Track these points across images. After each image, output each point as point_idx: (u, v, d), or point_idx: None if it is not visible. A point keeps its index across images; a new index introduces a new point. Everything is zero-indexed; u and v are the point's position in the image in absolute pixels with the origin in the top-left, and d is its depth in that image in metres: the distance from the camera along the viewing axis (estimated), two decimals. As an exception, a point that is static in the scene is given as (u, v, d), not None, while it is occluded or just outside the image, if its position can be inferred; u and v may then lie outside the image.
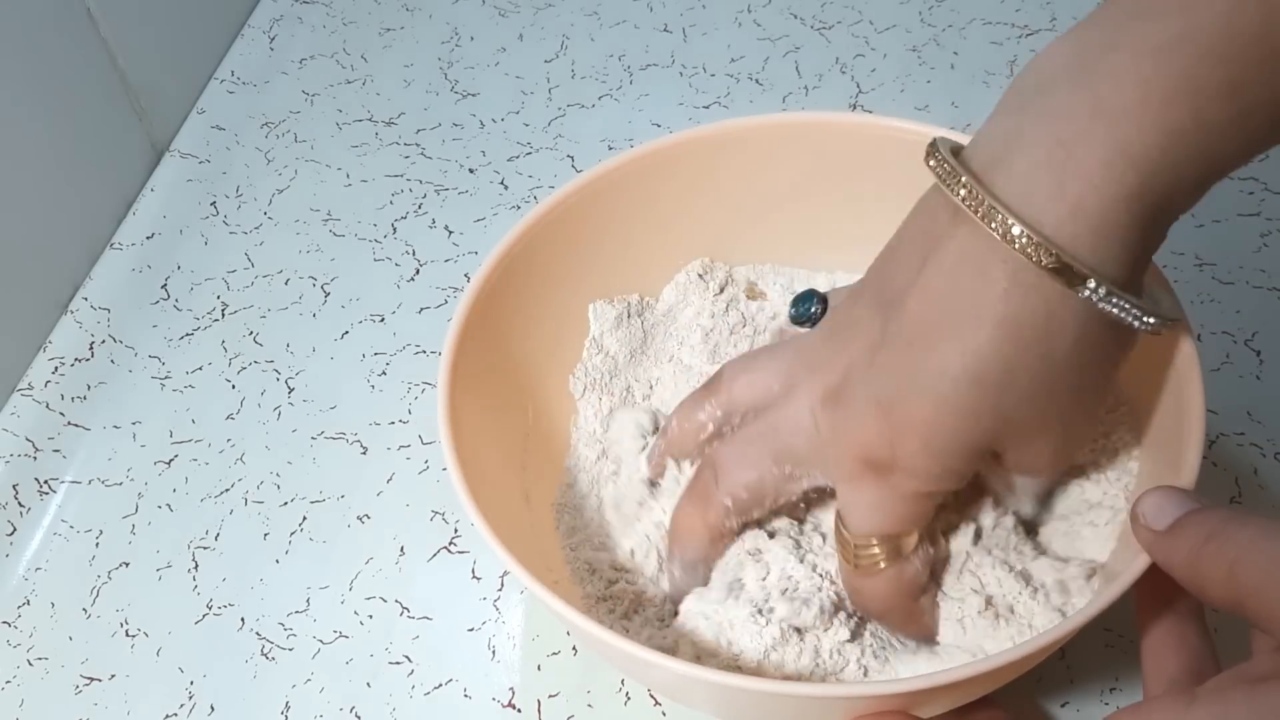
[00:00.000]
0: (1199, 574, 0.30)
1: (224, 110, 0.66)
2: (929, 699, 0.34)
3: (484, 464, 0.40)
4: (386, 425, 0.52)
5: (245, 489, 0.50)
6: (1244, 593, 0.29)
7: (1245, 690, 0.28)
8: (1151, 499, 0.33)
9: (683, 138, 0.45)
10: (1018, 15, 0.67)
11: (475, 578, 0.46)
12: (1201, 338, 0.50)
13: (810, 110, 0.55)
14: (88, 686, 0.45)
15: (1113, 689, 0.42)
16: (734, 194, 0.46)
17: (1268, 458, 0.47)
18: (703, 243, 0.48)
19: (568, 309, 0.47)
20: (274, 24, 0.71)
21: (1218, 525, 0.30)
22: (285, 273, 0.58)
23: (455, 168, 0.62)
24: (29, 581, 0.48)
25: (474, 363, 0.41)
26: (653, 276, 0.48)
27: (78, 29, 0.57)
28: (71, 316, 0.57)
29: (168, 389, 0.54)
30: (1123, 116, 0.30)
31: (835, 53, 0.66)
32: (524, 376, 0.45)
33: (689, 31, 0.68)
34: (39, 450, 0.52)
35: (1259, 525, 0.30)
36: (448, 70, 0.67)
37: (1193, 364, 0.36)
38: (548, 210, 0.44)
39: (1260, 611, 0.29)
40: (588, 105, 0.64)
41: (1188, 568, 0.31)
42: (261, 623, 0.46)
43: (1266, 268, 0.53)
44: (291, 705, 0.44)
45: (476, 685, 0.44)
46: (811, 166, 0.45)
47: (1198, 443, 0.35)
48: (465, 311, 0.41)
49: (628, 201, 0.45)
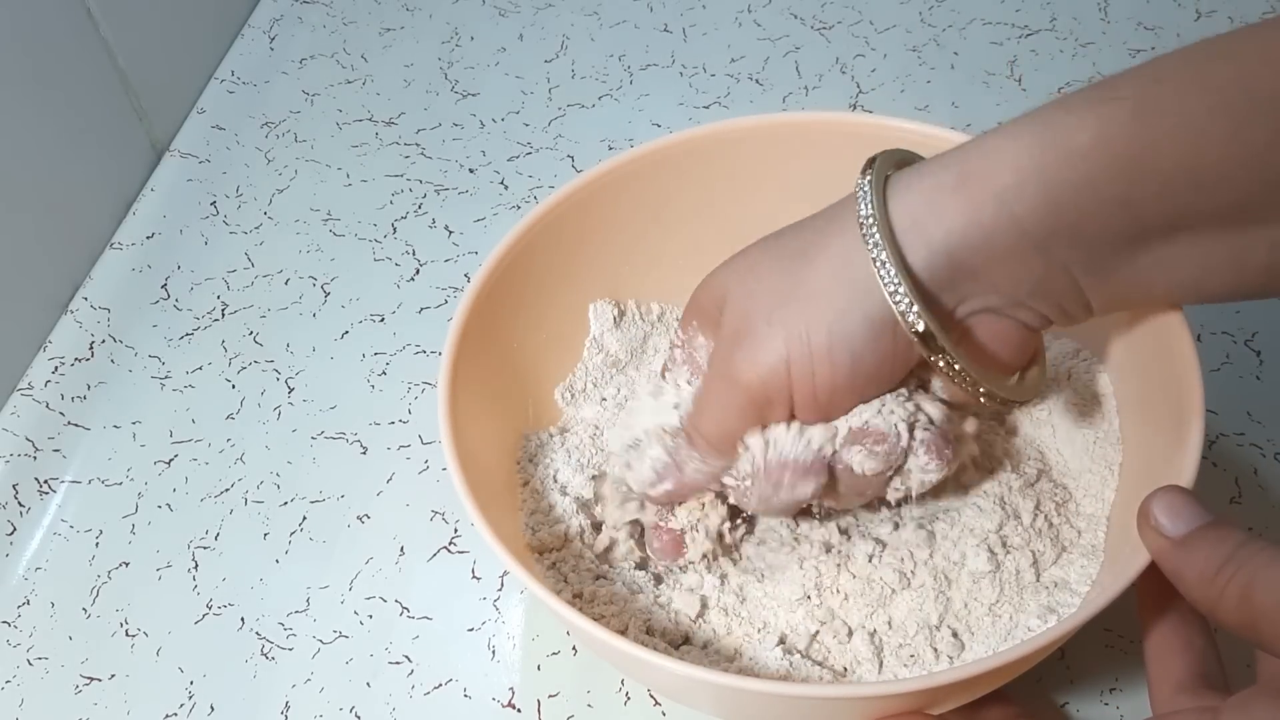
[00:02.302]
0: (1211, 594, 0.31)
1: (224, 110, 0.66)
2: (932, 699, 0.34)
3: (484, 464, 0.40)
4: (386, 425, 0.52)
5: (245, 489, 0.50)
6: (1258, 617, 0.29)
7: (1269, 702, 0.28)
8: (1164, 501, 0.33)
9: (684, 137, 0.45)
10: (1018, 15, 0.67)
11: (475, 578, 0.46)
12: (1201, 338, 0.50)
13: (812, 110, 0.55)
14: (87, 686, 0.45)
15: (1113, 689, 0.42)
16: (737, 194, 0.46)
17: (1267, 458, 0.47)
18: (705, 242, 0.48)
19: (568, 309, 0.47)
20: (274, 24, 0.71)
21: (1233, 547, 0.31)
22: (285, 272, 0.58)
23: (455, 168, 0.62)
24: (29, 581, 0.48)
25: (474, 363, 0.41)
26: (656, 276, 0.48)
27: (78, 29, 0.57)
28: (71, 316, 0.57)
29: (168, 389, 0.54)
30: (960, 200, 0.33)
31: (835, 53, 0.66)
32: (524, 376, 0.45)
33: (689, 31, 0.68)
34: (39, 450, 0.52)
35: (1276, 550, 0.30)
36: (448, 70, 0.67)
37: (1192, 363, 0.36)
38: (548, 210, 0.44)
39: (1275, 636, 0.29)
40: (588, 105, 0.64)
41: (1200, 586, 0.31)
42: (261, 622, 0.46)
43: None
44: (291, 705, 0.44)
45: (476, 685, 0.44)
46: (814, 166, 0.45)
47: (1197, 442, 0.35)
48: (465, 311, 0.41)
49: (629, 201, 0.45)
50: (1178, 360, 0.37)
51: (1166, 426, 0.37)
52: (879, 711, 0.34)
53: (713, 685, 0.33)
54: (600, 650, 0.37)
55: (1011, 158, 0.32)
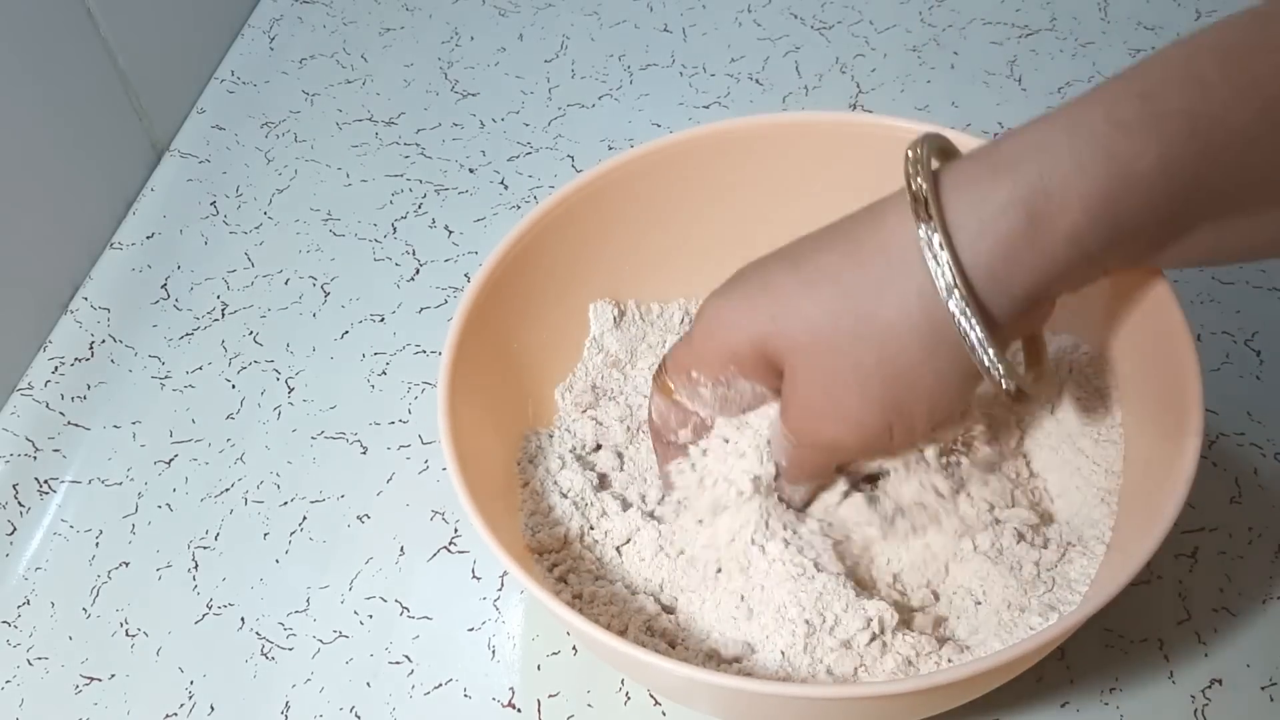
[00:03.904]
0: None
1: (224, 110, 0.66)
2: (932, 699, 0.34)
3: (484, 465, 0.40)
4: (386, 425, 0.52)
5: (245, 489, 0.50)
6: None
7: None
8: None
9: (685, 137, 0.45)
10: (1018, 15, 0.67)
11: (475, 578, 0.46)
12: (1201, 338, 0.50)
13: (813, 110, 0.55)
14: (87, 686, 0.45)
15: (1113, 689, 0.42)
16: (738, 194, 0.46)
17: (1267, 458, 0.47)
18: (705, 242, 0.48)
19: (568, 309, 0.47)
20: (274, 24, 0.71)
21: None
22: (285, 272, 0.58)
23: (455, 167, 0.62)
24: (29, 581, 0.48)
25: (474, 363, 0.41)
26: (657, 276, 0.48)
27: (78, 29, 0.57)
28: (71, 316, 0.57)
29: (168, 389, 0.54)
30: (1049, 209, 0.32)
31: (835, 53, 0.66)
32: (524, 376, 0.45)
33: (689, 31, 0.68)
34: (39, 450, 0.52)
35: None
36: (448, 70, 0.67)
37: (1190, 356, 0.36)
38: (549, 210, 0.44)
39: None
40: (588, 105, 0.64)
41: None
42: (261, 622, 0.46)
43: (1266, 268, 0.53)
44: (291, 705, 0.44)
45: (476, 685, 0.44)
46: (815, 166, 0.45)
47: (1196, 436, 0.35)
48: (466, 311, 0.41)
49: (630, 201, 0.46)
50: (1176, 351, 0.37)
51: (1166, 421, 0.37)
52: (879, 712, 0.34)
53: (712, 686, 0.33)
54: (600, 652, 0.37)
55: (1080, 196, 0.31)
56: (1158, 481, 0.35)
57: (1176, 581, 0.44)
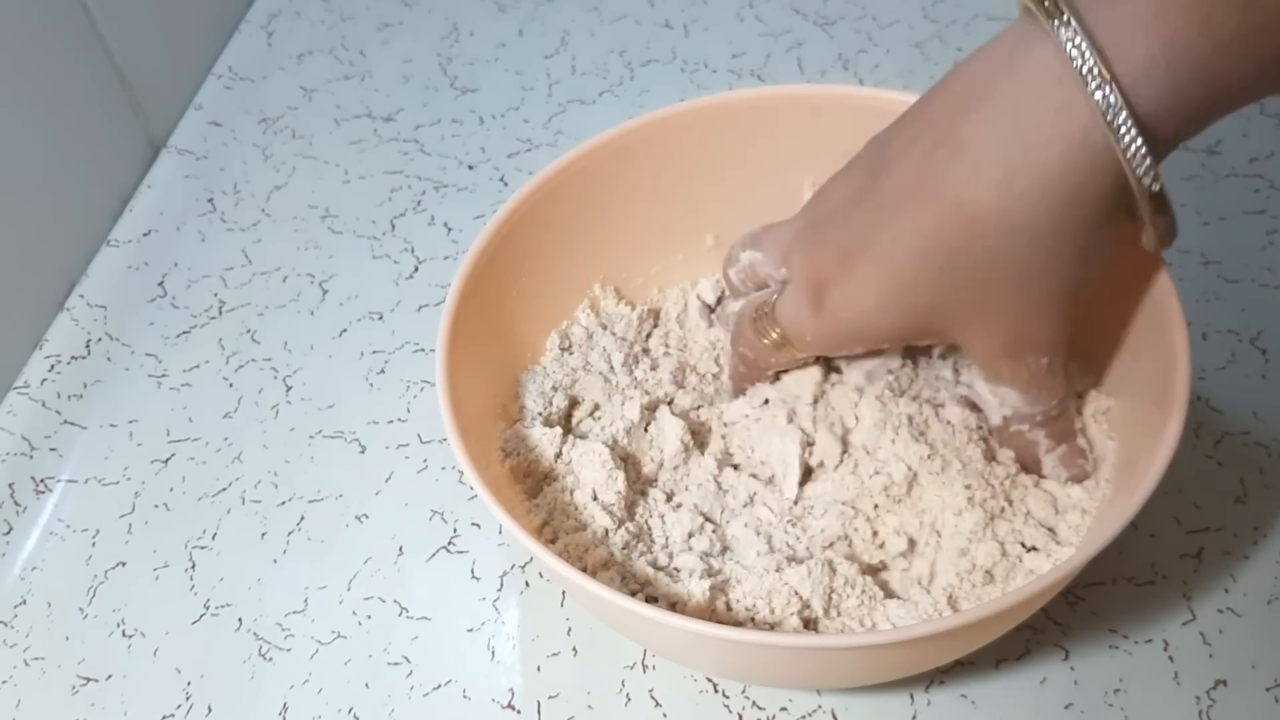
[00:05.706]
0: None
1: (221, 106, 0.66)
2: (927, 648, 0.35)
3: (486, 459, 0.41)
4: (385, 424, 0.51)
5: (243, 488, 0.50)
6: None
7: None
8: None
9: (686, 107, 0.46)
10: (1021, 10, 0.66)
11: (474, 578, 0.46)
12: (1206, 336, 0.50)
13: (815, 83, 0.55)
14: (84, 687, 0.44)
15: (1117, 690, 0.41)
16: (740, 168, 0.46)
17: (1273, 457, 0.46)
18: (708, 220, 0.48)
19: (565, 287, 0.47)
20: (271, 19, 0.71)
21: None
22: (283, 270, 0.57)
23: (454, 164, 0.61)
24: (25, 581, 0.48)
25: (471, 360, 0.41)
26: (656, 256, 0.48)
27: (74, 25, 0.57)
28: (68, 314, 0.56)
29: (164, 387, 0.53)
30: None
31: (838, 48, 0.65)
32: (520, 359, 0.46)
33: (690, 27, 0.68)
34: (35, 449, 0.52)
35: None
36: (447, 66, 0.67)
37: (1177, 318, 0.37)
38: (541, 184, 0.44)
39: None
40: (588, 101, 0.64)
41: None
42: (259, 623, 0.46)
43: (1272, 266, 0.52)
44: (289, 706, 0.43)
45: (476, 686, 0.43)
46: (816, 139, 0.45)
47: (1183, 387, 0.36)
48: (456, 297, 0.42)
49: (627, 177, 0.46)
50: (1165, 325, 0.38)
51: (1154, 379, 0.38)
52: (874, 661, 0.34)
53: (709, 639, 0.33)
54: (601, 610, 0.37)
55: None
56: (1149, 432, 0.36)
57: (1181, 582, 0.43)
